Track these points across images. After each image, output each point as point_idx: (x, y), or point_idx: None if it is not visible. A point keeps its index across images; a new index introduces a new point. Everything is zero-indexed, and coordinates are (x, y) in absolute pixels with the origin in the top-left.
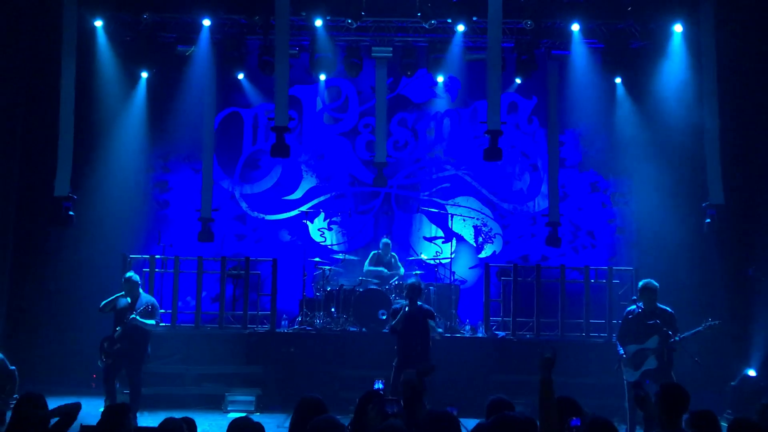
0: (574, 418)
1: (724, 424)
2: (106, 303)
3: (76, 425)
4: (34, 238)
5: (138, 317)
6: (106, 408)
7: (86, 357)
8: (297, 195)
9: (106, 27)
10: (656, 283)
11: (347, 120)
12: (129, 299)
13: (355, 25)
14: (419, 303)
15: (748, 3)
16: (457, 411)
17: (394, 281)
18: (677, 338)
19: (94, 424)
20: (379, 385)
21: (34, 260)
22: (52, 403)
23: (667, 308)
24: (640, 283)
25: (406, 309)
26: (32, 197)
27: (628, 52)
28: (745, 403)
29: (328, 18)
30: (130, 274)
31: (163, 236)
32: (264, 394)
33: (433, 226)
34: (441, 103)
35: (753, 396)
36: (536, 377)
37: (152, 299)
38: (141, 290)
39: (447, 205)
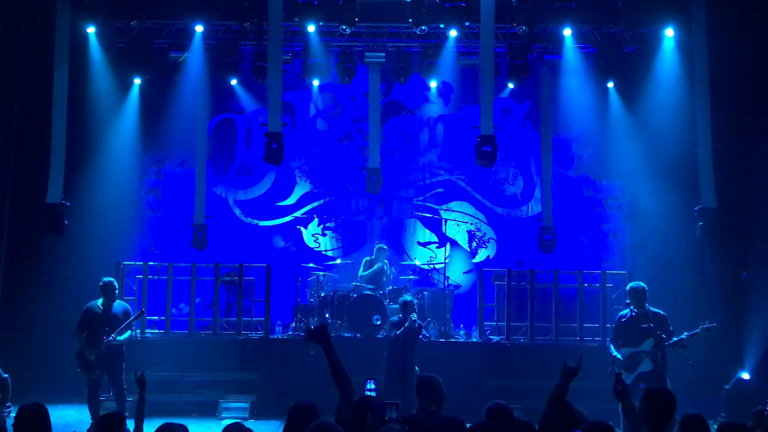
0: (576, 430)
1: (715, 426)
2: (79, 325)
3: None
4: (26, 245)
5: (116, 337)
6: (101, 417)
7: None
8: (291, 201)
9: (99, 33)
10: (644, 285)
11: (341, 125)
12: (101, 304)
13: (349, 31)
14: (413, 317)
15: (738, 6)
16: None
17: (387, 289)
18: (673, 341)
19: None
20: (371, 385)
21: (27, 267)
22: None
23: (660, 311)
24: (628, 287)
25: (407, 324)
26: (25, 204)
27: (621, 56)
28: (738, 406)
29: (321, 24)
30: (109, 279)
31: (156, 243)
32: (258, 401)
33: (427, 231)
34: (434, 108)
35: (747, 399)
36: (531, 382)
37: (127, 307)
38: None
39: (441, 210)
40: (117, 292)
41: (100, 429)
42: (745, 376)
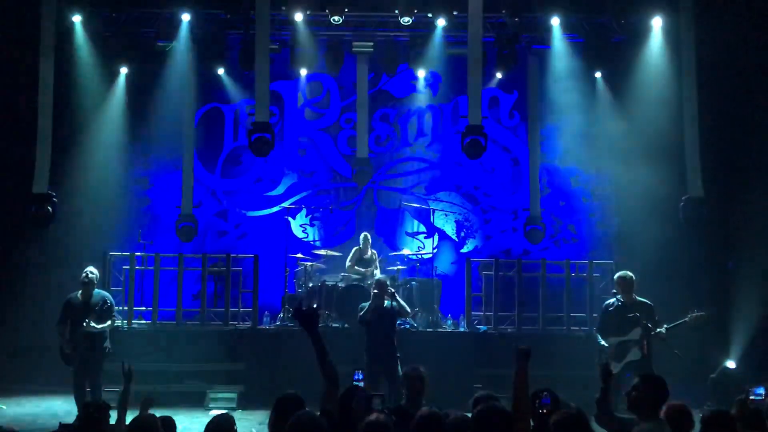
0: (545, 396)
1: (700, 415)
2: (61, 317)
3: (54, 424)
4: (13, 236)
5: (93, 324)
6: (85, 405)
7: None
8: (279, 191)
9: (85, 22)
10: (631, 274)
11: (329, 115)
12: (80, 296)
13: (340, 20)
14: (387, 302)
15: None
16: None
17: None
18: (662, 330)
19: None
20: (358, 376)
21: (14, 258)
22: (34, 402)
23: (646, 300)
24: (616, 275)
25: (385, 304)
26: (10, 195)
27: (609, 46)
28: (724, 395)
29: (308, 13)
30: (88, 267)
31: (143, 233)
32: (246, 391)
33: (415, 222)
34: (422, 98)
35: (733, 388)
36: None
37: (107, 295)
38: (94, 285)
39: (429, 200)
40: (94, 278)
41: (84, 417)
42: (731, 364)
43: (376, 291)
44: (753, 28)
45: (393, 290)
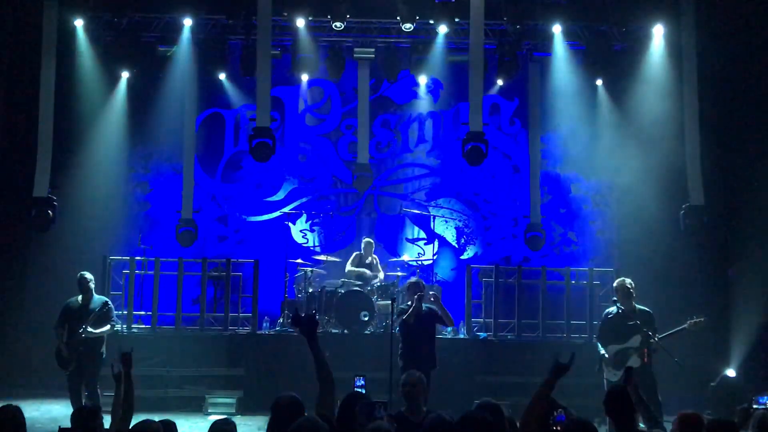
0: (560, 413)
1: None
2: (59, 321)
3: (53, 428)
4: (12, 239)
5: (90, 329)
6: (76, 410)
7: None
8: (279, 196)
9: (87, 27)
10: (630, 281)
11: (330, 121)
12: (80, 300)
13: (342, 26)
14: (425, 306)
15: (727, 4)
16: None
17: (375, 284)
18: (657, 338)
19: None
20: (360, 381)
21: (13, 262)
22: (33, 406)
23: (646, 308)
24: (615, 283)
25: (423, 307)
26: (11, 198)
27: (610, 54)
28: (724, 403)
29: (310, 18)
30: (81, 274)
31: (143, 237)
32: (245, 396)
33: (416, 228)
34: (423, 105)
35: (732, 396)
36: (518, 378)
37: (106, 300)
38: (93, 290)
39: (429, 206)
40: (92, 285)
41: (75, 422)
42: (731, 373)
43: (428, 296)
44: (754, 36)
45: (435, 294)
